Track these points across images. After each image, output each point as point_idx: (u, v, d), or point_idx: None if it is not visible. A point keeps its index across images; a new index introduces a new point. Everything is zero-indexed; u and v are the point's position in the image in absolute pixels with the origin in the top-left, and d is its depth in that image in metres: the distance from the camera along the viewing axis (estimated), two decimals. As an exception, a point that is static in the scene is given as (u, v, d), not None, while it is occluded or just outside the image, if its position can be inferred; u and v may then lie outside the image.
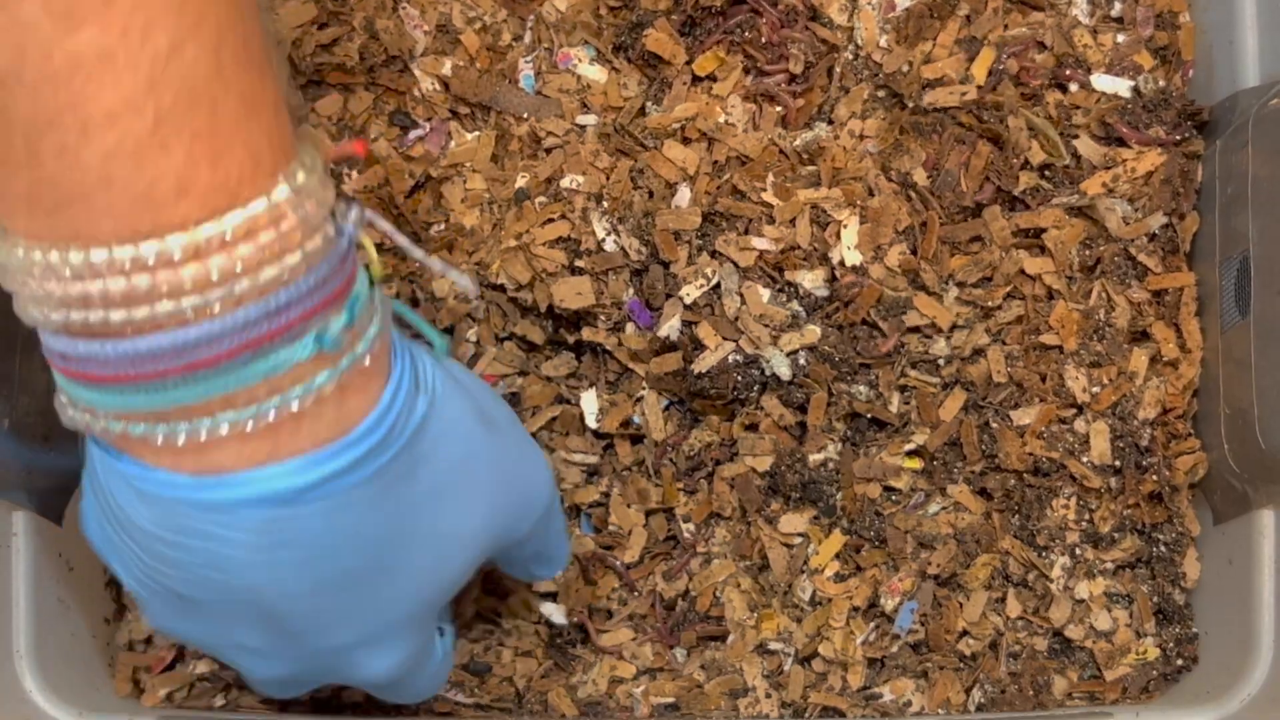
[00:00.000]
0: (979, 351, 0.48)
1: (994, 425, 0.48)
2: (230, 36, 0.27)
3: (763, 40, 0.48)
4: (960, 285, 0.48)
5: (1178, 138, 0.48)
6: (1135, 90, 0.49)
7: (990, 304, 0.48)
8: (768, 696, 0.47)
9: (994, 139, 0.48)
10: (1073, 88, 0.49)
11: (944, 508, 0.48)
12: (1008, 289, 0.48)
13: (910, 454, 0.48)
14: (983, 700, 0.48)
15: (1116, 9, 0.50)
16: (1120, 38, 0.50)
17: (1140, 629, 0.48)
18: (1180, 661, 0.48)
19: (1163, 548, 0.48)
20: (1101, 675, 0.48)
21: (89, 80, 0.25)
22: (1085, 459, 0.48)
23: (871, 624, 0.48)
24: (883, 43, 0.49)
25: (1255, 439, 0.45)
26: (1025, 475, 0.48)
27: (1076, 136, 0.49)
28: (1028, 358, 0.48)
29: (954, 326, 0.47)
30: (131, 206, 0.26)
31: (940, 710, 0.48)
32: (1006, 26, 0.49)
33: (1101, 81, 0.49)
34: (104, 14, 0.25)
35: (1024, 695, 0.47)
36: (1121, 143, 0.49)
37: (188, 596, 0.32)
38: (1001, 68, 0.49)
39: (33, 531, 0.44)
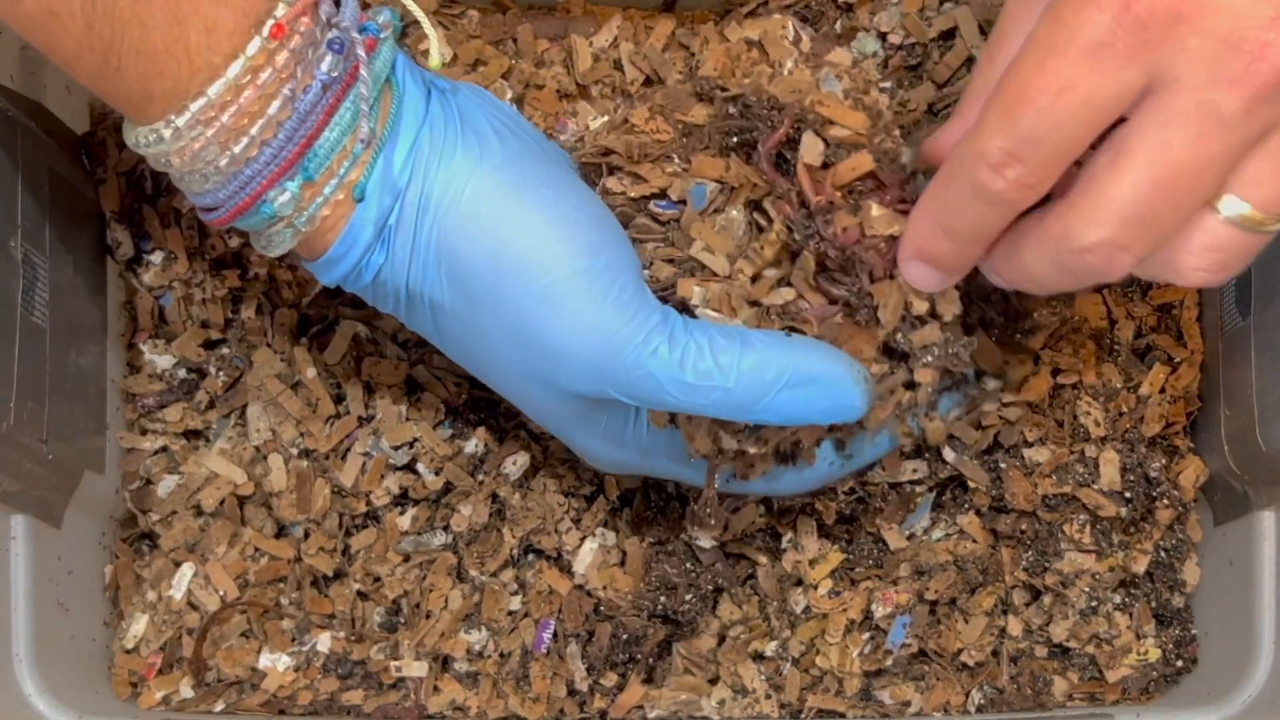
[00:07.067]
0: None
1: (1003, 465, 0.47)
2: None
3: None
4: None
5: None
6: None
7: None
8: (767, 698, 0.47)
9: None
10: None
11: (948, 534, 0.48)
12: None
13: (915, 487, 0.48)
14: (982, 701, 0.48)
15: None
16: None
17: (1140, 630, 0.48)
18: (1180, 663, 0.48)
19: (1164, 554, 0.48)
20: (1102, 676, 0.48)
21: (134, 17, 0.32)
22: (1096, 486, 0.47)
23: (866, 635, 0.48)
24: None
25: (1255, 440, 0.45)
26: (1037, 512, 0.47)
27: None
28: (1044, 400, 0.47)
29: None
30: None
31: (940, 711, 0.47)
32: None
33: None
34: None
35: (1024, 696, 0.47)
36: None
37: None
38: None
39: (32, 535, 0.44)
